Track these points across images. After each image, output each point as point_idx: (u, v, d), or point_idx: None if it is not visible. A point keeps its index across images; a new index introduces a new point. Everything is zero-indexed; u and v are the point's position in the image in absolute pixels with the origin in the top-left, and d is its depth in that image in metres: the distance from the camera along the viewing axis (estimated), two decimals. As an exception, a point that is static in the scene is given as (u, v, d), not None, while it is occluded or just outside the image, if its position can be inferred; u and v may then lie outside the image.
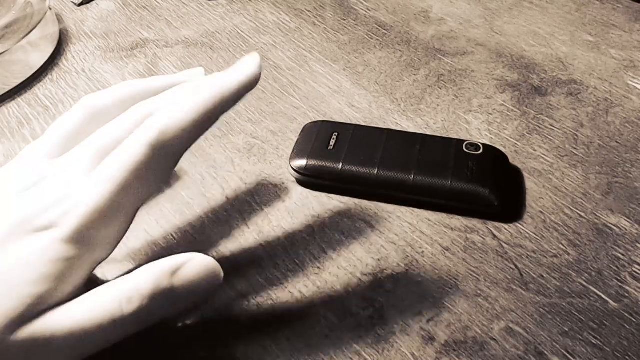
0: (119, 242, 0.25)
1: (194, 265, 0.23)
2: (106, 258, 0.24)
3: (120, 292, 0.22)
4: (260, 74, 0.25)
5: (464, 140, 0.32)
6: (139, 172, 0.23)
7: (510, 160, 0.33)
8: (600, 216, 0.30)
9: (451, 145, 0.32)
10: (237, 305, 0.27)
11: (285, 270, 0.28)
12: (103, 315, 0.22)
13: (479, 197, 0.30)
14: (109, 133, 0.25)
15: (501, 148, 0.34)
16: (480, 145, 0.32)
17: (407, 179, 0.30)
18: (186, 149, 0.25)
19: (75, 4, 0.50)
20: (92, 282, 0.24)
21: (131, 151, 0.23)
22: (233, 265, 0.29)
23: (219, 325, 0.25)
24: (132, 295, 0.22)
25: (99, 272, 0.25)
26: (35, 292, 0.21)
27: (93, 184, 0.23)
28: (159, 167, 0.24)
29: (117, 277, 0.24)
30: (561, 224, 0.30)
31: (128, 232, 0.25)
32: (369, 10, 0.47)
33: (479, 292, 0.27)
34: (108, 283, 0.23)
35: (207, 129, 0.24)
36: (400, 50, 0.42)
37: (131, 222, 0.25)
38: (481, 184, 0.30)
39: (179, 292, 0.23)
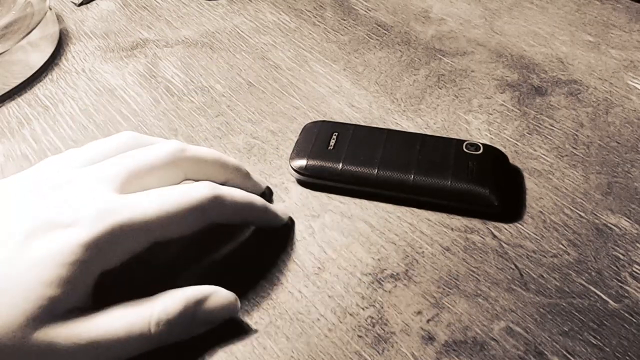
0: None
1: (218, 298, 0.25)
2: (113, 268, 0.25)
3: (150, 313, 0.23)
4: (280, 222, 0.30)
5: (464, 140, 0.32)
6: (184, 216, 0.25)
7: (510, 160, 0.33)
8: (600, 216, 0.30)
9: (451, 145, 0.32)
10: (237, 305, 0.27)
11: (285, 270, 0.28)
12: (130, 332, 0.23)
13: (479, 197, 0.30)
14: (145, 159, 0.26)
15: (501, 148, 0.34)
16: (480, 145, 0.32)
17: (407, 179, 0.30)
18: (243, 221, 0.28)
19: (75, 4, 0.50)
20: (103, 291, 0.24)
21: (191, 197, 0.25)
22: (233, 265, 0.29)
23: (219, 325, 0.25)
24: (161, 318, 0.23)
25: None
26: (50, 294, 0.22)
27: (141, 203, 0.24)
28: (205, 220, 0.26)
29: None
30: (561, 224, 0.30)
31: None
32: (369, 10, 0.47)
33: (479, 292, 0.27)
34: (136, 301, 0.24)
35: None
36: (400, 50, 0.42)
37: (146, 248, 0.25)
38: (481, 184, 0.30)
39: (200, 320, 0.25)
